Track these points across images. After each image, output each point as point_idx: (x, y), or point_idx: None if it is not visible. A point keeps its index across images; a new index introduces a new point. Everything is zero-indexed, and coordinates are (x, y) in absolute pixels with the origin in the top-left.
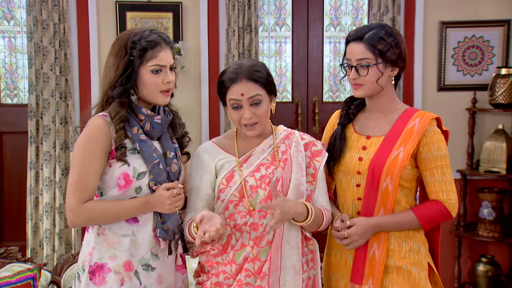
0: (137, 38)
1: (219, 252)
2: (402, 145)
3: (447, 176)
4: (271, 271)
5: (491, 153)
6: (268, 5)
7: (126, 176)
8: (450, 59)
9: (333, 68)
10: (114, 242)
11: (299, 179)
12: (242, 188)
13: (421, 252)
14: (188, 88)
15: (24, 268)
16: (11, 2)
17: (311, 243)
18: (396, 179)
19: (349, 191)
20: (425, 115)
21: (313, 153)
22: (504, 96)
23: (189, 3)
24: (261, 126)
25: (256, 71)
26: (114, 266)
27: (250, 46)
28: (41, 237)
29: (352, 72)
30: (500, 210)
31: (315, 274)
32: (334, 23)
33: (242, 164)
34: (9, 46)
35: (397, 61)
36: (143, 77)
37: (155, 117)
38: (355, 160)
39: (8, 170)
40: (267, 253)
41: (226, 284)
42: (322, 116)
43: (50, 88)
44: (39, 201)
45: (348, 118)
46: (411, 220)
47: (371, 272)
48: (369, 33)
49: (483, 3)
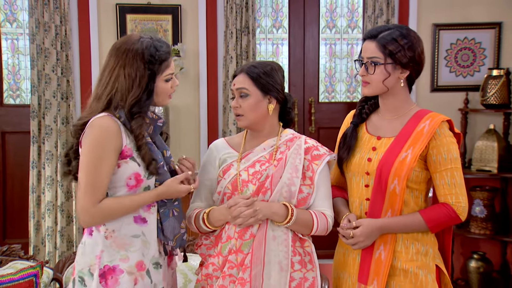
0: (153, 51)
1: (211, 244)
2: (410, 147)
3: (456, 179)
4: (253, 264)
5: (483, 152)
6: (265, 7)
7: (138, 175)
8: (443, 61)
9: (328, 69)
10: (125, 244)
11: (291, 180)
12: (236, 181)
13: (429, 254)
14: (187, 89)
15: (27, 265)
16: (14, 5)
17: (307, 244)
18: (404, 181)
19: (358, 191)
20: (436, 117)
21: (313, 156)
22: (495, 97)
23: (188, 6)
24: (246, 120)
25: (253, 66)
26: (127, 267)
27: (248, 48)
28: (43, 235)
29: (362, 68)
30: (492, 208)
31: (314, 276)
32: (329, 25)
33: (241, 159)
34: (12, 48)
35: (408, 64)
36: (158, 86)
37: (159, 120)
38: (365, 161)
39: (10, 169)
40: (249, 246)
41: (215, 276)
42: (318, 116)
43: (52, 89)
44: (41, 200)
45: (361, 118)
46: (418, 222)
47: (376, 272)
48: (384, 32)
49: (475, 6)
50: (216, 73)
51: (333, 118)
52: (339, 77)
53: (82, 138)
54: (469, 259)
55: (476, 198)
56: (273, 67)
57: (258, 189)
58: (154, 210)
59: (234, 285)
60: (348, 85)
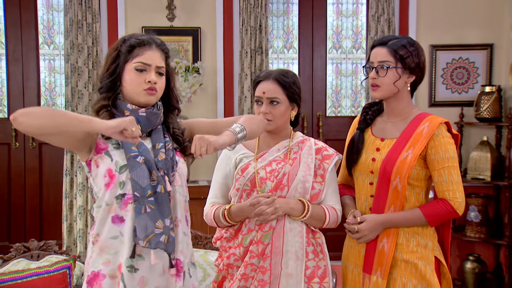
0: (128, 37)
1: (231, 237)
2: (411, 147)
3: (453, 176)
4: (272, 254)
5: (477, 162)
6: (277, 30)
7: (110, 171)
8: (440, 78)
9: (335, 86)
10: (106, 247)
11: (305, 177)
12: (254, 178)
13: (429, 247)
14: (205, 103)
15: (61, 259)
16: (52, 29)
17: (318, 236)
18: (405, 178)
19: (363, 189)
20: (434, 120)
21: (323, 156)
22: (488, 111)
23: (207, 28)
24: (274, 125)
25: (283, 75)
26: (109, 271)
27: (261, 66)
28: (75, 236)
29: (372, 72)
30: (486, 213)
31: (325, 265)
32: (336, 46)
33: (257, 159)
34: (49, 67)
35: (415, 69)
36: (126, 74)
37: (139, 110)
38: (369, 161)
39: (46, 176)
40: (269, 237)
41: (236, 265)
42: (325, 129)
43: (83, 104)
44: (73, 204)
45: (366, 123)
46: (418, 217)
47: (379, 263)
48: (394, 40)
49: (469, 28)
50: (232, 89)
51: (339, 131)
52: (344, 93)
53: None
54: (465, 260)
55: (471, 204)
56: (296, 76)
57: (276, 185)
58: (130, 207)
59: (255, 273)
60: (353, 101)
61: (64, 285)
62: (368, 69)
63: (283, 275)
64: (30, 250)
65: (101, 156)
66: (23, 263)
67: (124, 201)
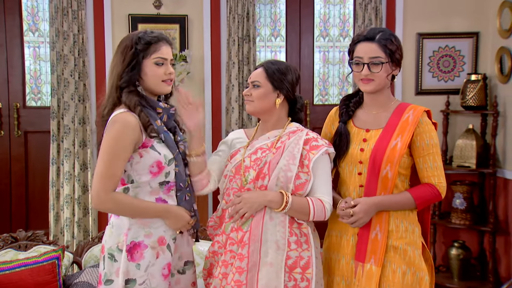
0: (141, 35)
1: (216, 225)
2: (399, 135)
3: (437, 162)
4: (250, 241)
5: (463, 150)
6: (265, 18)
7: (159, 163)
8: (426, 67)
9: (322, 74)
10: (149, 221)
11: (288, 166)
12: (240, 165)
13: (415, 232)
14: (192, 91)
15: (49, 249)
16: (36, 16)
17: (304, 226)
18: (396, 166)
19: (351, 179)
20: (418, 108)
21: (311, 147)
22: (473, 99)
23: (194, 16)
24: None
25: (271, 63)
26: (150, 242)
27: (249, 55)
28: (62, 225)
29: (365, 68)
30: (471, 200)
31: (309, 255)
32: (323, 34)
33: (247, 146)
34: (34, 55)
35: (400, 61)
36: (147, 69)
37: (171, 109)
38: (357, 151)
39: (32, 165)
40: (248, 224)
41: (219, 253)
42: (312, 117)
43: (70, 92)
44: (60, 193)
45: (348, 115)
46: (408, 200)
47: (373, 251)
48: (379, 34)
49: (455, 17)
50: (220, 77)
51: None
52: (331, 82)
53: (105, 130)
54: (450, 247)
55: (457, 192)
56: (289, 68)
57: (258, 174)
58: (173, 193)
59: (234, 260)
60: (340, 89)
61: (52, 275)
62: (356, 64)
63: (263, 263)
64: (18, 241)
65: (146, 150)
66: (10, 254)
67: (168, 187)
